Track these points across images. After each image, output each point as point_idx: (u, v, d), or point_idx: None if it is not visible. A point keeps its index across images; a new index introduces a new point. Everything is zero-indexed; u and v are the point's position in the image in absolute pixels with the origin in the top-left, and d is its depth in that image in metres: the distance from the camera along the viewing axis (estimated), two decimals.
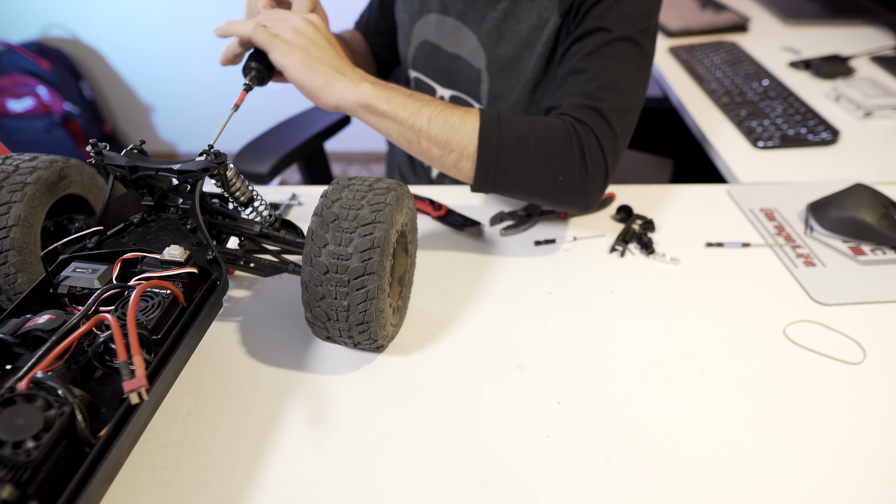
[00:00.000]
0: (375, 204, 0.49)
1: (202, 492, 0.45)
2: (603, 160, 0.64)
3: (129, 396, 0.38)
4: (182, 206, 0.55)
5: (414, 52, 0.89)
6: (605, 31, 0.68)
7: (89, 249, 0.51)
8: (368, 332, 0.50)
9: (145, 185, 0.55)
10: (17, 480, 0.33)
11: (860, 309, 0.62)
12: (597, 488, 0.46)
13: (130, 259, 0.49)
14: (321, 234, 0.48)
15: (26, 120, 2.15)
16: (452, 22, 0.82)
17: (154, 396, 0.41)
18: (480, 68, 0.82)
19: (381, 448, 0.48)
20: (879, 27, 1.36)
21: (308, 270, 0.48)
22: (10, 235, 0.51)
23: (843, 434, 0.50)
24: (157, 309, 0.44)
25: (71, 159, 0.58)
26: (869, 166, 0.88)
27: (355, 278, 0.47)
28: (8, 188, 0.52)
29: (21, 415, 0.34)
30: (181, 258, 0.49)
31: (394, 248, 0.52)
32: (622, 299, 0.63)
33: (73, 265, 0.49)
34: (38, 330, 0.43)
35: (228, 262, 0.55)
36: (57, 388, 0.37)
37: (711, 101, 1.07)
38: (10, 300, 0.54)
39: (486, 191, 0.65)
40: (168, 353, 0.43)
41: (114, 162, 0.52)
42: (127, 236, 0.54)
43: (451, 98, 0.88)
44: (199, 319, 0.47)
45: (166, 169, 0.52)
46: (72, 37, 2.23)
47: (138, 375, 0.38)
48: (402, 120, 0.60)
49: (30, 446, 0.34)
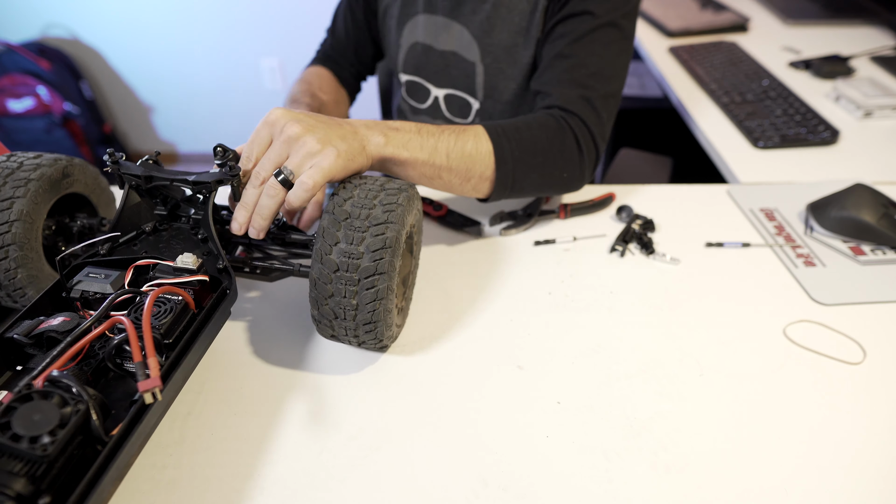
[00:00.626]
0: (388, 204, 0.49)
1: (202, 492, 0.45)
2: (594, 147, 0.70)
3: (144, 396, 0.39)
4: (194, 217, 0.56)
5: (405, 56, 0.89)
6: (591, 16, 0.71)
7: (101, 256, 0.52)
8: (375, 331, 0.50)
9: (159, 195, 0.56)
10: (32, 475, 0.34)
11: (860, 309, 0.62)
12: (597, 488, 0.46)
13: (142, 266, 0.50)
14: (333, 232, 0.48)
15: (26, 120, 2.15)
16: (441, 20, 0.83)
17: (165, 398, 0.42)
18: (474, 61, 0.82)
19: (381, 448, 0.48)
20: (879, 27, 1.36)
21: (318, 268, 0.48)
22: (11, 230, 0.52)
23: (842, 434, 0.50)
24: (169, 314, 0.45)
25: (75, 158, 0.59)
26: (869, 166, 0.88)
27: (366, 277, 0.47)
28: (12, 184, 0.53)
29: (38, 410, 0.35)
30: (194, 266, 0.50)
31: (403, 248, 0.52)
32: (622, 299, 0.63)
33: (85, 270, 0.50)
34: (52, 331, 0.44)
35: (237, 270, 0.56)
36: (72, 387, 0.38)
37: (711, 101, 1.07)
38: (9, 296, 0.54)
39: (498, 200, 0.68)
40: (179, 357, 0.44)
41: (130, 171, 0.54)
42: (139, 244, 0.55)
43: (446, 97, 0.88)
44: (208, 326, 0.48)
45: (181, 179, 0.53)
46: (72, 37, 2.23)
47: (153, 376, 0.39)
48: (422, 162, 0.60)
49: (46, 441, 0.34)
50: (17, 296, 0.54)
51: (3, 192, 0.52)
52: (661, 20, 1.40)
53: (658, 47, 1.32)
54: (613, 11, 0.71)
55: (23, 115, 2.14)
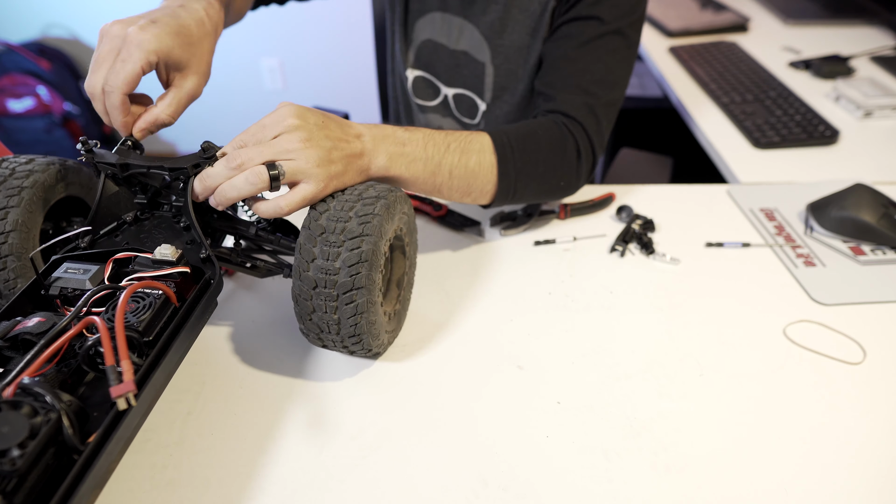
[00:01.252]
0: (364, 216, 0.47)
1: (202, 492, 0.45)
2: (592, 155, 0.71)
3: (117, 402, 0.37)
4: (175, 204, 0.54)
5: (416, 52, 0.89)
6: (599, 21, 0.71)
7: (82, 249, 0.50)
8: (361, 343, 0.50)
9: (138, 183, 0.54)
10: (3, 490, 0.33)
11: (860, 309, 0.62)
12: (597, 488, 0.46)
13: (123, 259, 0.49)
14: (309, 248, 0.47)
15: (26, 120, 2.15)
16: (454, 18, 0.82)
17: (146, 399, 0.40)
18: (485, 61, 0.82)
19: (380, 448, 0.48)
20: (879, 27, 1.36)
21: (297, 284, 0.47)
22: (8, 241, 0.51)
23: (842, 434, 0.50)
24: (148, 310, 0.43)
25: (68, 161, 0.58)
26: (869, 166, 0.88)
27: (344, 293, 0.46)
28: (4, 193, 0.51)
29: (6, 422, 0.33)
30: (173, 257, 0.48)
31: (386, 256, 0.51)
32: (622, 299, 0.63)
33: (64, 266, 0.48)
34: (27, 333, 0.41)
35: (223, 261, 0.54)
36: (44, 395, 0.36)
37: (711, 101, 1.07)
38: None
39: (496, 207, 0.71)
40: (159, 355, 0.42)
41: (104, 160, 0.51)
42: (120, 235, 0.53)
43: (455, 97, 0.88)
44: (191, 320, 0.45)
45: (157, 166, 0.51)
46: (72, 37, 2.23)
47: (126, 380, 0.37)
48: (423, 181, 0.59)
49: (14, 455, 0.33)
50: None
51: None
52: (661, 20, 1.40)
53: (658, 47, 1.32)
54: (621, 19, 0.71)
55: (23, 115, 2.14)
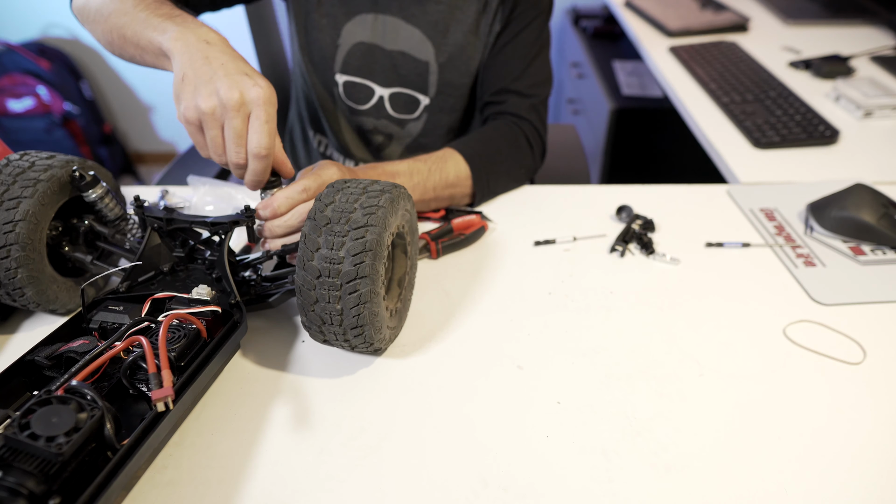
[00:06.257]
0: (368, 207, 0.49)
1: (202, 492, 0.45)
2: (541, 142, 0.85)
3: (157, 405, 0.42)
4: (209, 258, 0.59)
5: (345, 56, 0.86)
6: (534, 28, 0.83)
7: (121, 293, 0.55)
8: (363, 335, 0.50)
9: (178, 238, 0.60)
10: (46, 473, 0.36)
11: (860, 309, 0.62)
12: (597, 488, 0.46)
13: (159, 300, 0.53)
14: (314, 238, 0.48)
15: (26, 120, 2.15)
16: (390, 19, 0.83)
17: (174, 415, 0.44)
18: (428, 60, 0.84)
19: (380, 448, 0.48)
20: (879, 27, 1.36)
21: (301, 274, 0.48)
22: (15, 230, 0.52)
23: (842, 434, 0.50)
24: (182, 339, 0.48)
25: (88, 161, 0.60)
26: (869, 166, 0.88)
27: (347, 282, 0.47)
28: (21, 183, 0.53)
29: (55, 414, 0.38)
30: (208, 297, 0.53)
31: (389, 250, 0.52)
32: (622, 299, 0.63)
33: (105, 303, 0.53)
34: (72, 352, 0.47)
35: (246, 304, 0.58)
36: (89, 394, 0.41)
37: (711, 100, 1.07)
38: (8, 294, 0.54)
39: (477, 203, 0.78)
40: (190, 378, 0.47)
41: (153, 214, 0.57)
42: (156, 284, 0.58)
43: (392, 95, 0.88)
44: (218, 354, 0.50)
45: (199, 222, 0.57)
46: (72, 37, 2.23)
47: (166, 386, 0.43)
48: (415, 202, 0.67)
49: (62, 441, 0.37)
50: (17, 295, 0.54)
51: (12, 191, 0.53)
52: (661, 20, 1.40)
53: (658, 47, 1.32)
54: (546, 22, 0.85)
55: (23, 114, 2.14)
